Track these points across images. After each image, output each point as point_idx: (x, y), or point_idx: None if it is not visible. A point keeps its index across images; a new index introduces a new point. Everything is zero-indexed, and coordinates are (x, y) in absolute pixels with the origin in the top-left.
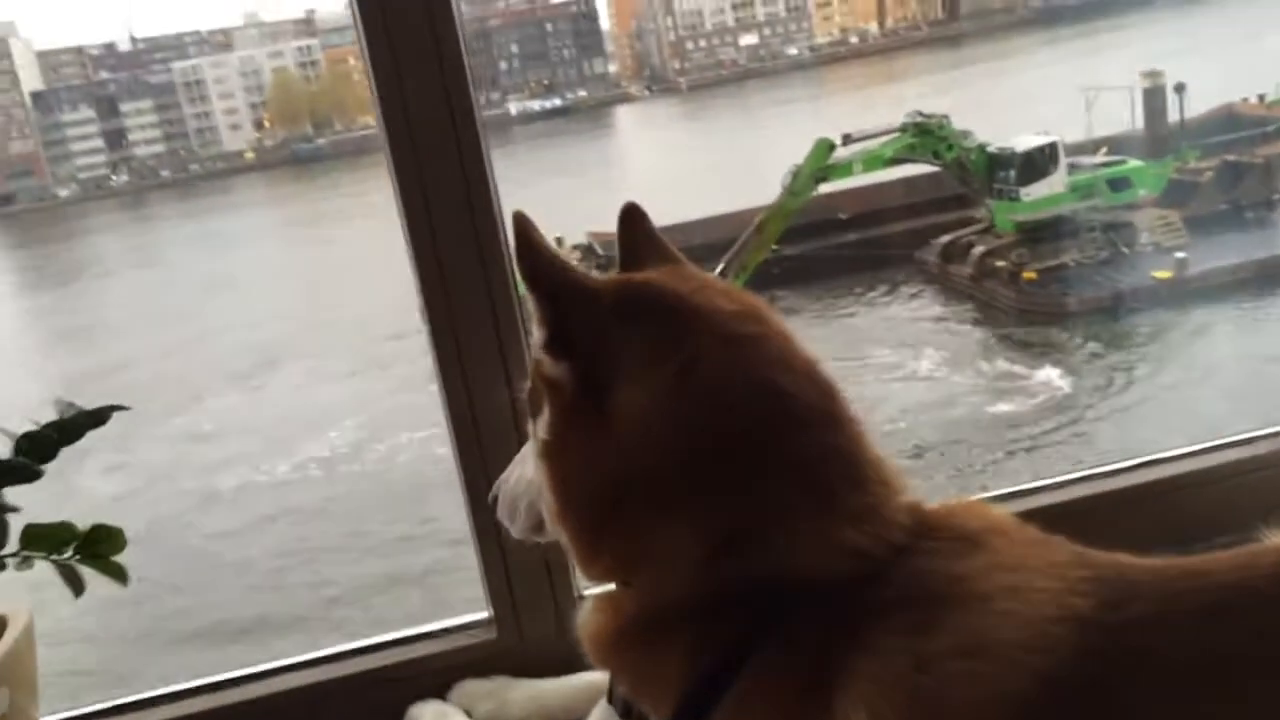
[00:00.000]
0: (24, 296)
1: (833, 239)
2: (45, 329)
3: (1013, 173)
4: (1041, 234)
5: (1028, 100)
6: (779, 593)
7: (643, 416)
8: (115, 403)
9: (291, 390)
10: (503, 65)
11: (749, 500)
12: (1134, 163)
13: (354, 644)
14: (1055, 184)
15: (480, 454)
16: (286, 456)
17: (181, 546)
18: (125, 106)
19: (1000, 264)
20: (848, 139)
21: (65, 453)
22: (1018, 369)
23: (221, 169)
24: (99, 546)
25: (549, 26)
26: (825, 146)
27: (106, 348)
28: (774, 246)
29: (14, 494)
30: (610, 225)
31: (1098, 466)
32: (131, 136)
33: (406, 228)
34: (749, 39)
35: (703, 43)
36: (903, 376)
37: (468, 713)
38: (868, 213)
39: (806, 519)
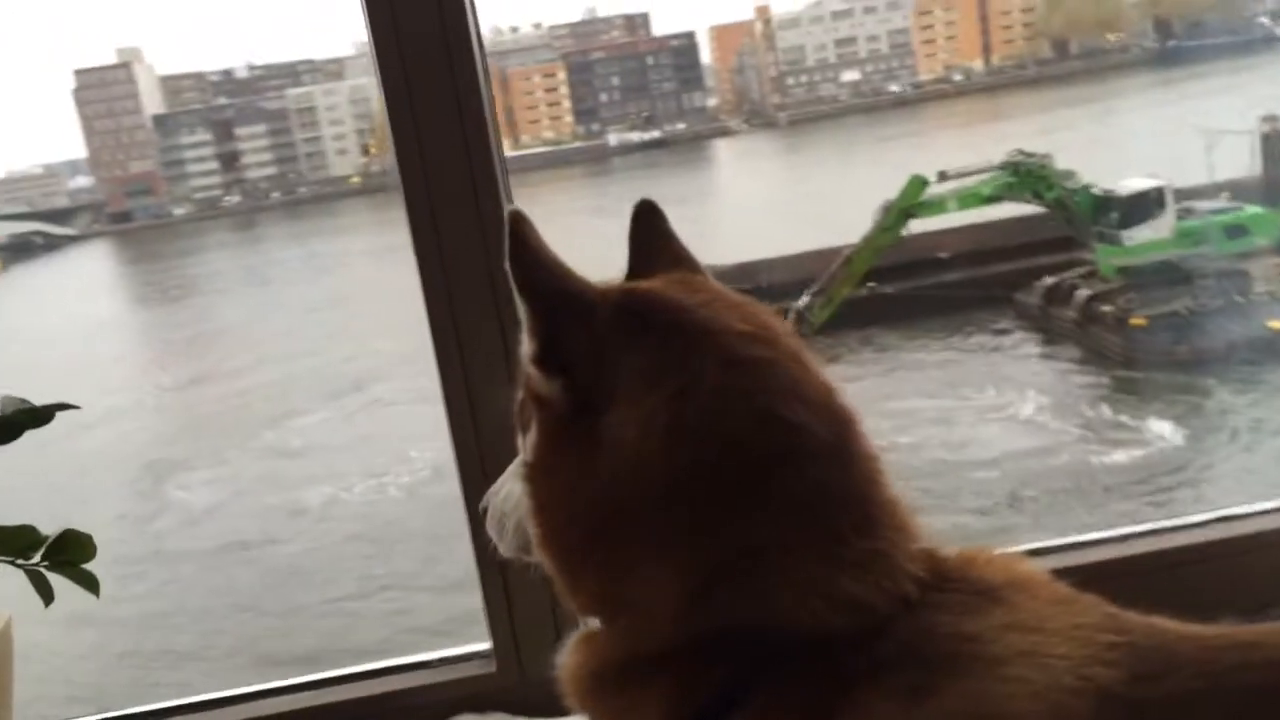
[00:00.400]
0: (141, 309)
1: (932, 278)
2: (158, 342)
3: (1116, 215)
4: (1152, 279)
5: (1139, 142)
6: (767, 644)
7: (633, 444)
8: (219, 414)
9: (381, 410)
10: (603, 97)
11: (740, 542)
12: (1251, 209)
13: (350, 669)
14: (1161, 229)
15: (486, 483)
16: (370, 476)
17: (261, 563)
18: (240, 130)
19: (1106, 309)
20: (944, 176)
21: (161, 465)
22: (1125, 418)
23: (329, 193)
24: (67, 553)
25: (650, 59)
26: (918, 183)
27: (213, 362)
28: (870, 284)
29: (94, 498)
30: (704, 258)
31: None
32: (245, 159)
33: (419, 268)
34: (851, 75)
35: (804, 78)
36: (1004, 418)
37: None
38: (969, 252)
39: (802, 565)
